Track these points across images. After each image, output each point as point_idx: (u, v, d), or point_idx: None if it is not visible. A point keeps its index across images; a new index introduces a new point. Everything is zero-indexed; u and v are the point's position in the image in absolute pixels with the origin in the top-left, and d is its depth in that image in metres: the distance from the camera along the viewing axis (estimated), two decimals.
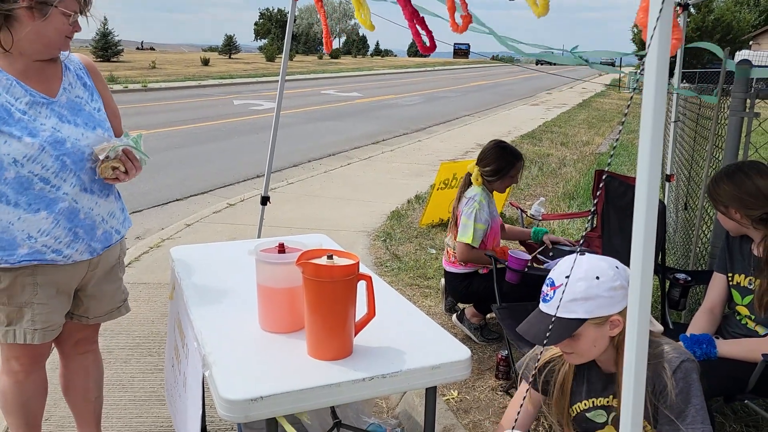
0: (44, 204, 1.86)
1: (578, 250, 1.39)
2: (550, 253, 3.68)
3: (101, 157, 1.89)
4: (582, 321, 1.58)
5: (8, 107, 1.80)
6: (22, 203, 1.84)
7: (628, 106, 1.14)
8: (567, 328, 1.59)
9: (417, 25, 2.71)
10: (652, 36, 1.00)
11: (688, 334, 2.23)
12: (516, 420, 1.88)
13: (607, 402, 1.79)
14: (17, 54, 1.85)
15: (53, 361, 2.29)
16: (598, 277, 1.58)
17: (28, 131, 1.81)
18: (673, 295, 2.73)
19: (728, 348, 2.15)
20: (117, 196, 2.14)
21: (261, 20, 79.68)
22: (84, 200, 1.95)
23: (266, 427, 1.49)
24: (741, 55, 27.18)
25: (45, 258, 1.90)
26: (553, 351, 1.86)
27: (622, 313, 1.55)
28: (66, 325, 2.15)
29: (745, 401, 2.47)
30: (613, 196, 3.00)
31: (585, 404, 1.83)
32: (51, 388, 2.73)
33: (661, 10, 0.99)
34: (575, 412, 1.86)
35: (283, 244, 1.79)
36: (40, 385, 2.14)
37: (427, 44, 2.76)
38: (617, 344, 1.64)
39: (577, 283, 1.59)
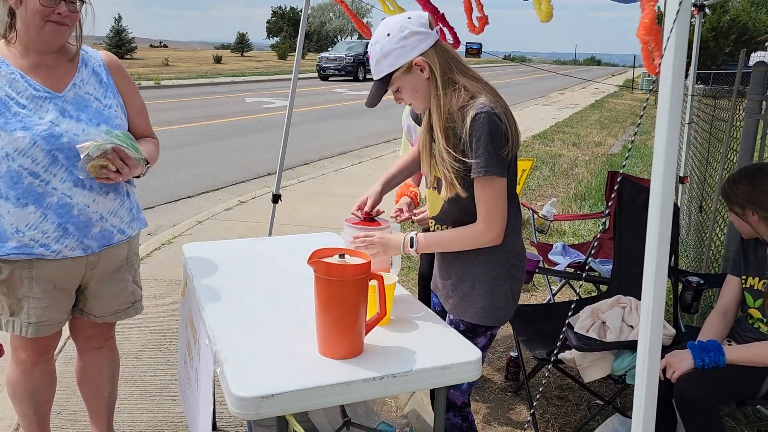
0: (32, 198, 1.87)
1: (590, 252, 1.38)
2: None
3: (82, 156, 1.83)
4: (390, 75, 1.79)
5: (6, 101, 1.83)
6: (12, 197, 1.86)
7: (644, 108, 1.14)
8: (382, 85, 1.82)
9: (439, 23, 2.72)
10: (668, 38, 1.00)
11: (696, 341, 2.20)
12: None
13: None
14: (24, 48, 1.89)
15: (70, 355, 2.30)
16: (388, 34, 1.76)
17: (23, 125, 1.82)
18: (686, 299, 2.71)
19: (738, 354, 2.12)
20: (125, 195, 2.08)
21: (273, 18, 79.72)
22: (79, 196, 1.92)
23: (277, 425, 1.50)
24: (756, 56, 26.88)
25: (33, 252, 1.89)
26: None
27: (425, 55, 1.76)
28: (76, 320, 2.17)
29: (757, 406, 2.45)
30: (626, 198, 2.98)
31: None
32: (65, 381, 2.77)
33: (678, 11, 0.98)
34: None
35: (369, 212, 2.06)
36: (47, 376, 2.16)
37: (451, 42, 2.76)
38: None
39: (375, 46, 1.79)
